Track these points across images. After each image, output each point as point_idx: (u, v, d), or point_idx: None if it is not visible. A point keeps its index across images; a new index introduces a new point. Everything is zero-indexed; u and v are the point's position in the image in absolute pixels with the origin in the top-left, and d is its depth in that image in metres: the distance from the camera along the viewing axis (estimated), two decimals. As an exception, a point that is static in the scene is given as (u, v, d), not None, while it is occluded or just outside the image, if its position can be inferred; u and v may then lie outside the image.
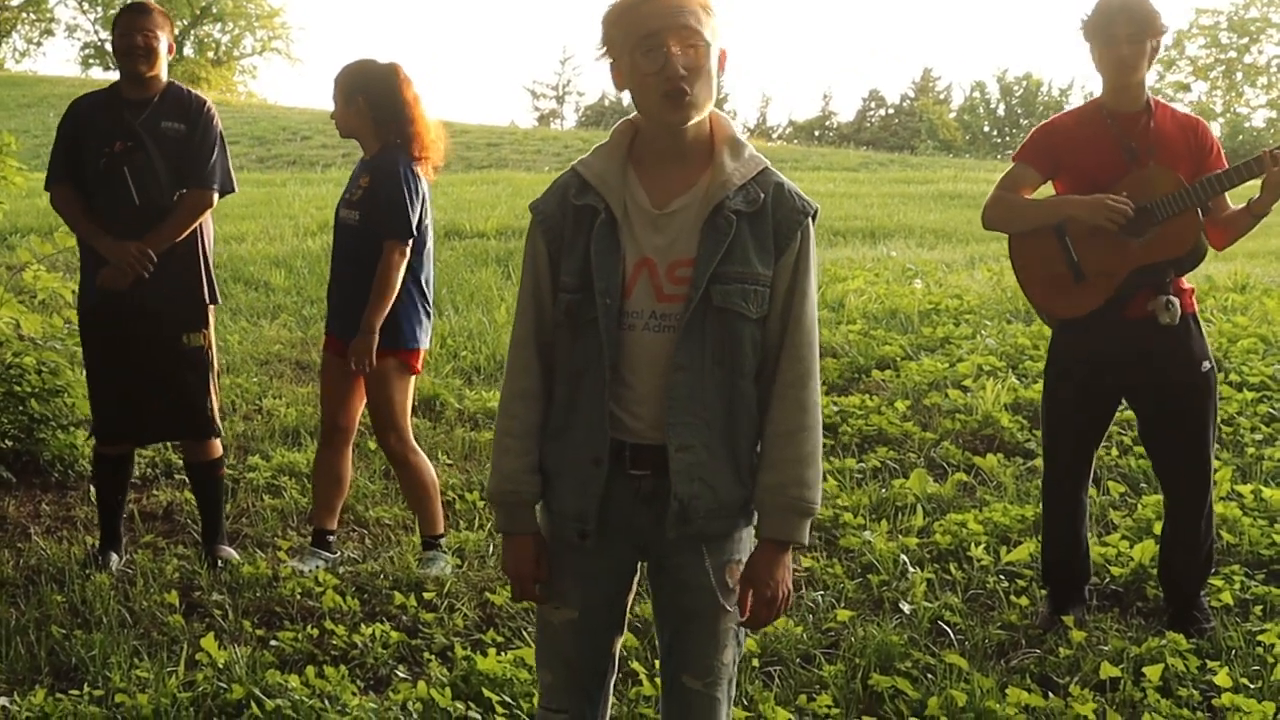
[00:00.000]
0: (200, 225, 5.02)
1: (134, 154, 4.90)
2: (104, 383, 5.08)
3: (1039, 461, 5.38)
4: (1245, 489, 5.51)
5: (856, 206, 17.01)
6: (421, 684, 3.93)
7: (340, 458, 5.17)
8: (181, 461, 5.48)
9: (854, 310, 9.13)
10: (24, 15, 61.11)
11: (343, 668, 4.07)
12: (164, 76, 5.05)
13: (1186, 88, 57.37)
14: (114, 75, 5.10)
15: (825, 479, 5.91)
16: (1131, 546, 4.95)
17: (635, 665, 4.02)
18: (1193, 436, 4.38)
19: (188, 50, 61.87)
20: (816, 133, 58.64)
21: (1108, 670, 4.02)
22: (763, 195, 2.55)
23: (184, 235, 4.95)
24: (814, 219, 2.60)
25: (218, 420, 5.20)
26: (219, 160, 5.02)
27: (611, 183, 2.57)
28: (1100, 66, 4.36)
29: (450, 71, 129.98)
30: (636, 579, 2.76)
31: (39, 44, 62.80)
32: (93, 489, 5.47)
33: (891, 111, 59.57)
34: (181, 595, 4.69)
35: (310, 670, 4.02)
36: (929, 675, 4.06)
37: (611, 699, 2.83)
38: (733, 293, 2.51)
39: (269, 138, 30.33)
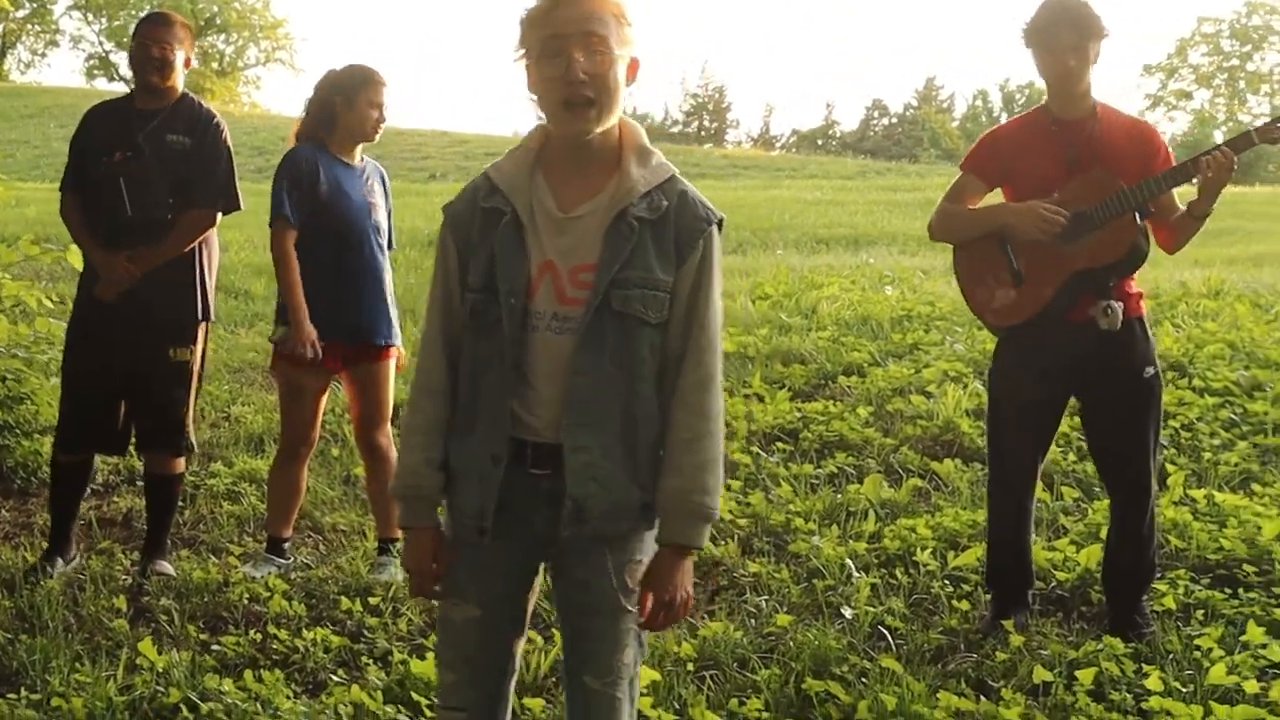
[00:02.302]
0: (203, 241, 5.01)
1: (131, 165, 4.91)
2: (77, 389, 5.05)
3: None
4: (1199, 493, 5.51)
5: (841, 214, 17.06)
6: (355, 687, 3.95)
7: (302, 469, 5.26)
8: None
9: (826, 317, 9.15)
10: (29, 26, 61.39)
11: (278, 672, 4.08)
12: (179, 88, 5.06)
13: (1189, 95, 57.45)
14: (118, 86, 5.16)
15: (780, 484, 5.93)
16: (1078, 551, 4.95)
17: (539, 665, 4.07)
18: (1131, 441, 4.38)
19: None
20: (819, 142, 58.72)
21: (1041, 674, 4.02)
22: (666, 203, 2.58)
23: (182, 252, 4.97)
24: (719, 227, 2.63)
25: (192, 437, 5.19)
26: (224, 177, 5.02)
27: (519, 186, 2.61)
28: (1044, 74, 4.36)
29: (453, 81, 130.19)
30: (538, 579, 2.78)
31: (43, 55, 63.17)
32: (48, 494, 5.47)
33: (895, 121, 59.65)
34: (130, 600, 4.71)
35: (249, 674, 4.03)
36: (863, 680, 4.06)
37: (512, 699, 2.85)
38: (633, 298, 2.54)
39: (268, 148, 30.41)
